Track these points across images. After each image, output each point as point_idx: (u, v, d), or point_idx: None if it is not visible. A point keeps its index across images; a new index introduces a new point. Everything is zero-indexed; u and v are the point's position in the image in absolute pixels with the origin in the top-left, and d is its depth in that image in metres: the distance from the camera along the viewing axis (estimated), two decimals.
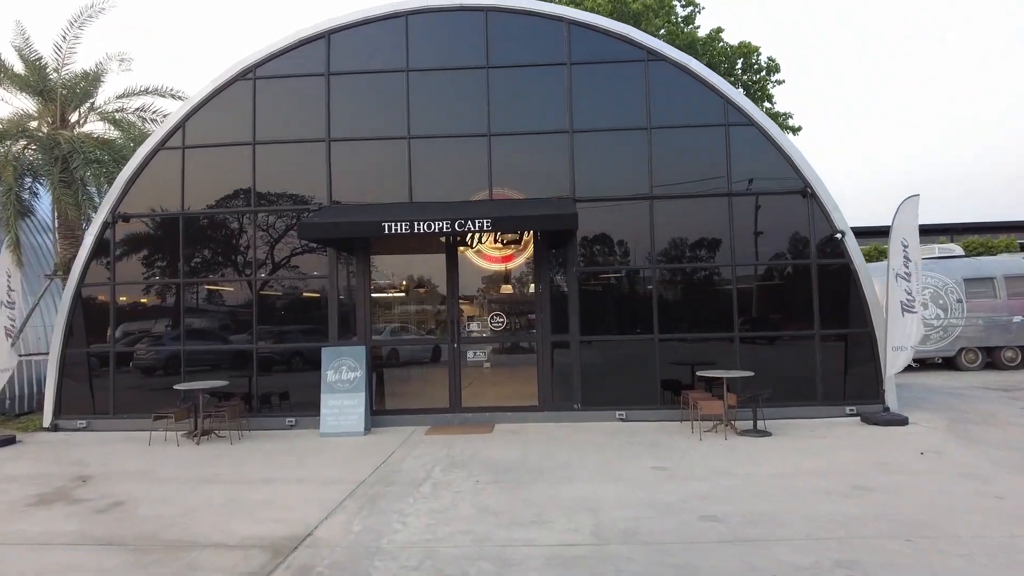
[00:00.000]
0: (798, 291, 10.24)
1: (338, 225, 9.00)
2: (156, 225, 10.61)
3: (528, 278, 10.92)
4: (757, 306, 10.31)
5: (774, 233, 10.26)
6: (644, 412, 9.74)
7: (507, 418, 9.84)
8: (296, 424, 9.96)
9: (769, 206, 10.16)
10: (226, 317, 10.84)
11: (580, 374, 9.88)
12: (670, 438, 8.55)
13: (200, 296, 10.82)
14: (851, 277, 9.91)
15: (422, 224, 8.67)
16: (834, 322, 10.03)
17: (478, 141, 10.19)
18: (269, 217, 10.53)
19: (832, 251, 9.98)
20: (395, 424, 9.84)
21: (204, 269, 10.69)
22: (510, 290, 11.17)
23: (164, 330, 10.71)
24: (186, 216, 10.45)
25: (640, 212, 10.07)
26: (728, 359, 9.90)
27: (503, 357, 10.74)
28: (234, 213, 10.52)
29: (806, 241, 10.04)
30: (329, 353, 9.74)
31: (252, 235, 10.36)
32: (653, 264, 10.02)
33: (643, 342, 10.05)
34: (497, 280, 11.07)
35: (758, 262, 10.28)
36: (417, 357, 11.37)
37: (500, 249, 10.90)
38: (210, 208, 10.54)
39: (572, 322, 9.94)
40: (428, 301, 11.62)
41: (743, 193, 10.07)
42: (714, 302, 10.34)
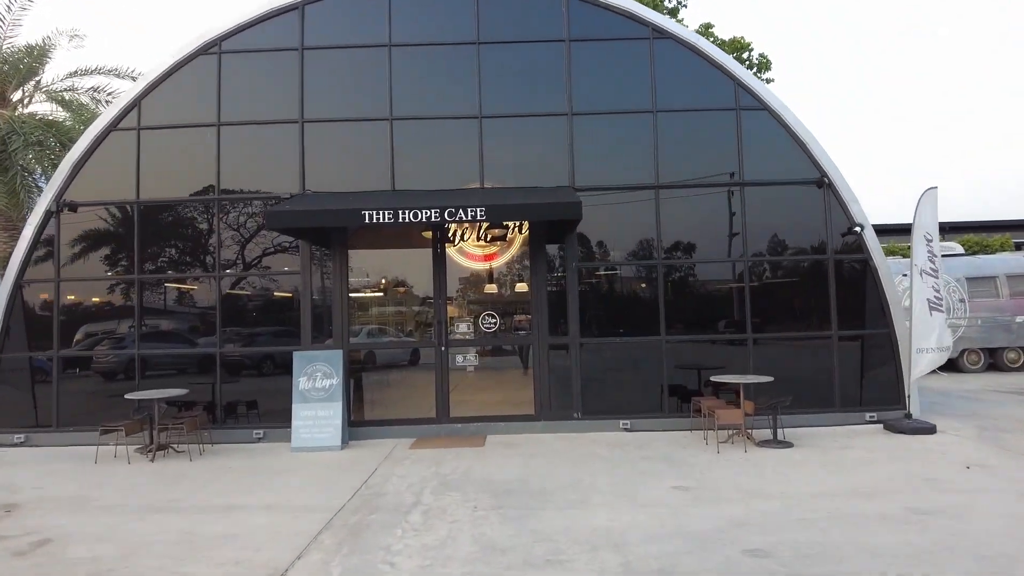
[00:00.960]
0: (814, 289, 9.51)
1: (311, 213, 8.02)
2: (108, 215, 9.50)
3: (513, 277, 10.24)
4: (770, 305, 9.53)
5: (788, 226, 9.51)
6: (650, 421, 8.91)
7: (500, 429, 8.94)
8: (265, 437, 8.94)
9: (783, 197, 9.41)
10: (188, 318, 9.80)
11: (580, 380, 9.01)
12: (684, 451, 7.73)
13: (158, 295, 9.76)
14: (871, 274, 9.20)
15: (407, 213, 7.73)
16: (852, 322, 9.31)
17: (468, 124, 9.28)
18: (235, 207, 9.49)
19: (850, 246, 9.27)
20: (375, 436, 8.87)
21: (163, 265, 9.60)
22: (494, 290, 10.46)
23: (118, 333, 9.59)
24: (142, 205, 9.36)
25: (645, 203, 9.25)
26: (739, 362, 9.13)
27: (494, 360, 9.85)
28: (196, 202, 9.46)
29: (823, 235, 9.30)
30: (301, 358, 8.73)
31: (216, 227, 9.30)
32: (659, 259, 9.19)
33: (648, 344, 9.21)
34: (480, 280, 10.28)
35: (771, 257, 9.52)
36: (398, 361, 10.53)
37: (484, 247, 10.02)
38: (169, 197, 9.45)
39: (571, 323, 9.08)
40: (411, 301, 10.79)
41: (755, 183, 9.29)
42: (724, 300, 9.58)
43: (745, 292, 9.19)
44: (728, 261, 9.42)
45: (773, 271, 9.64)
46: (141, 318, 9.35)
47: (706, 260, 9.50)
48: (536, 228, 9.20)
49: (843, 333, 9.21)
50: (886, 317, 9.14)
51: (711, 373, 8.99)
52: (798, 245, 9.52)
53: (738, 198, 9.27)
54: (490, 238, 10.05)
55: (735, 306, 9.36)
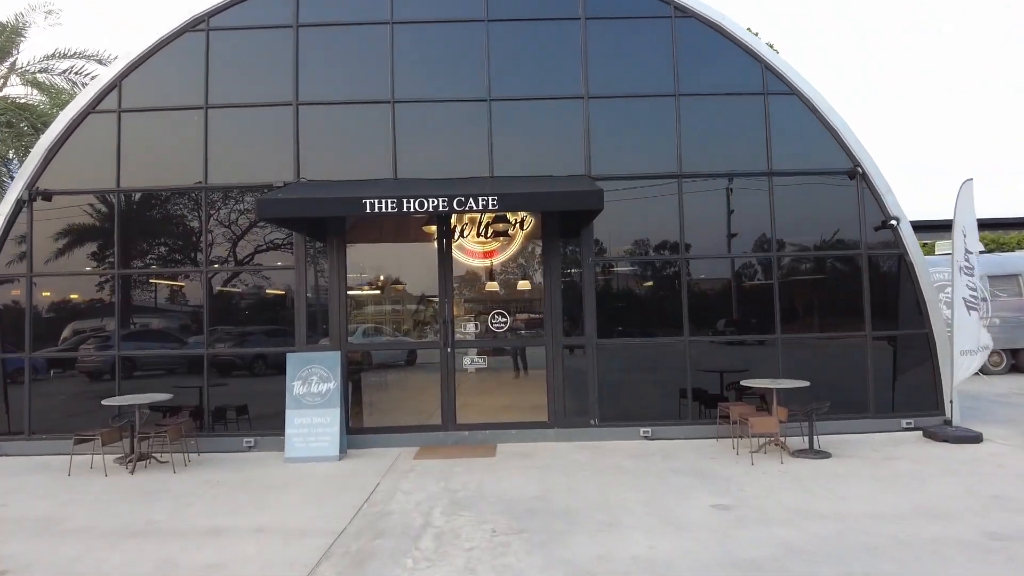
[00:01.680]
0: (845, 286, 8.91)
1: (307, 202, 7.32)
2: (86, 205, 8.76)
3: (515, 276, 9.62)
4: (799, 303, 8.91)
5: (819, 219, 8.89)
6: (672, 428, 8.28)
7: (511, 437, 8.27)
8: (256, 445, 8.25)
9: (814, 188, 8.78)
10: (174, 316, 9.11)
11: (598, 383, 8.35)
12: (714, 462, 7.09)
13: (143, 292, 9.04)
14: (906, 270, 8.60)
15: (413, 202, 7.05)
16: (886, 322, 8.70)
17: (476, 108, 8.60)
18: (224, 196, 8.77)
19: (884, 240, 8.66)
20: (375, 445, 8.20)
21: (146, 259, 8.89)
22: (496, 287, 9.78)
23: (101, 332, 8.88)
24: (123, 194, 8.65)
25: (667, 194, 8.60)
26: (764, 364, 8.51)
27: (498, 361, 9.19)
28: (182, 191, 8.74)
29: (856, 228, 8.68)
30: (296, 360, 8.05)
31: (204, 218, 8.59)
32: (682, 255, 8.55)
33: (671, 345, 8.58)
34: (480, 278, 9.63)
35: (801, 252, 8.90)
36: (395, 361, 9.97)
37: (484, 243, 9.34)
38: (153, 185, 8.73)
39: (587, 322, 8.42)
40: (411, 300, 10.17)
41: (785, 172, 8.66)
42: (751, 298, 8.94)
43: (774, 289, 8.56)
44: (756, 256, 8.80)
45: (803, 267, 9.01)
46: (124, 317, 8.66)
47: (732, 255, 8.85)
48: (549, 221, 8.54)
49: (877, 334, 8.60)
50: (923, 316, 8.54)
51: (735, 377, 8.40)
52: (829, 239, 8.89)
53: (766, 189, 8.63)
54: (492, 233, 9.40)
55: (763, 304, 8.71)
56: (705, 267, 8.88)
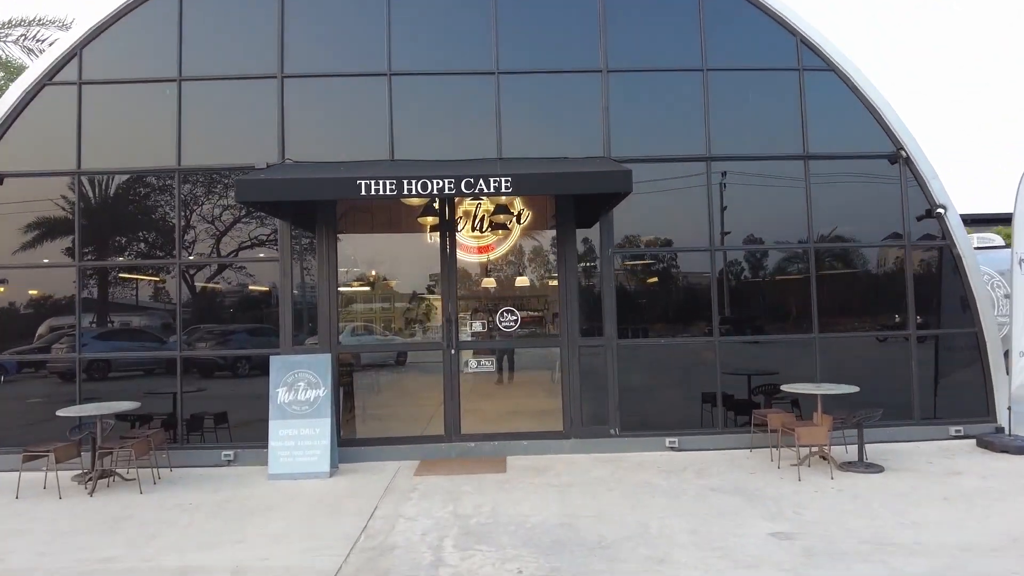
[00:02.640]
0: (887, 280, 8.19)
1: (294, 183, 6.41)
2: (41, 188, 7.77)
3: (513, 272, 8.90)
4: (837, 299, 8.13)
5: (859, 207, 8.12)
6: (701, 438, 7.47)
7: (521, 448, 7.43)
8: (236, 459, 7.35)
9: (853, 172, 8.00)
10: (154, 314, 8.19)
11: (618, 388, 7.52)
12: (756, 478, 6.28)
13: (121, 288, 8.09)
14: (953, 263, 7.85)
15: (415, 184, 6.18)
16: (929, 319, 7.97)
17: (482, 82, 7.74)
18: (200, 180, 7.84)
19: (929, 230, 7.92)
20: (370, 458, 7.33)
21: (110, 249, 7.93)
22: (492, 284, 9.12)
23: (56, 331, 7.93)
24: (85, 176, 7.69)
25: (694, 178, 7.79)
26: (798, 366, 7.74)
27: (517, 361, 8.36)
28: (152, 173, 7.79)
29: (899, 217, 7.92)
30: (280, 364, 7.14)
31: (178, 205, 7.65)
32: (711, 244, 7.73)
33: (698, 346, 7.78)
34: (472, 275, 8.89)
35: (840, 244, 8.12)
36: (384, 361, 9.12)
37: (479, 237, 8.58)
38: (118, 167, 7.77)
39: (606, 321, 7.58)
40: (407, 296, 9.41)
41: (821, 156, 7.87)
42: (786, 293, 8.16)
43: (810, 284, 7.78)
44: (791, 247, 8.01)
45: (840, 260, 8.24)
46: (100, 314, 7.76)
47: (766, 246, 8.06)
48: (564, 209, 7.70)
49: (922, 333, 7.85)
50: (971, 314, 7.80)
51: (765, 380, 7.69)
52: (870, 228, 8.13)
53: (801, 174, 7.84)
54: (487, 227, 8.64)
55: (798, 300, 7.94)
56: (735, 259, 8.06)
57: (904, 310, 7.88)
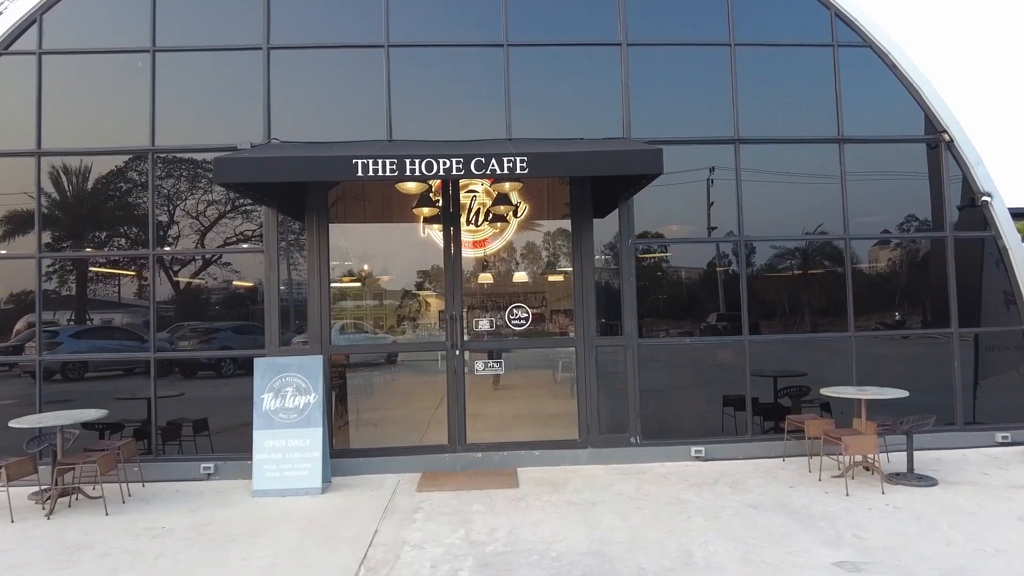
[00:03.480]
0: (925, 273, 7.60)
1: (279, 163, 5.65)
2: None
3: (511, 267, 8.60)
4: (872, 293, 7.53)
5: (897, 194, 7.54)
6: (729, 446, 6.84)
7: (533, 459, 6.74)
8: (217, 472, 6.62)
9: (891, 157, 7.41)
10: (125, 311, 7.50)
11: (639, 392, 6.86)
12: (798, 493, 5.65)
13: (84, 281, 7.32)
14: (997, 256, 7.27)
15: (419, 163, 5.46)
16: (971, 316, 7.38)
17: (489, 55, 7.04)
18: (177, 163, 7.08)
19: (972, 220, 7.33)
20: (366, 470, 6.62)
21: (76, 238, 7.16)
22: (489, 279, 8.88)
23: (49, 326, 7.21)
24: (45, 157, 6.90)
25: (721, 164, 7.14)
26: (831, 367, 7.16)
27: (518, 362, 7.70)
28: (123, 154, 7.02)
29: (940, 205, 7.32)
30: (266, 367, 6.41)
31: (152, 190, 6.89)
32: (740, 235, 7.08)
33: (725, 346, 7.14)
34: (468, 271, 8.46)
35: (877, 235, 7.52)
36: (374, 360, 8.62)
37: (475, 231, 8.17)
38: (84, 147, 6.98)
39: (626, 319, 6.91)
40: (404, 293, 8.88)
41: (857, 139, 7.25)
42: (819, 288, 7.55)
43: (846, 278, 7.15)
44: (826, 239, 7.38)
45: (877, 252, 7.63)
46: (45, 311, 6.93)
47: (798, 237, 7.42)
48: (580, 196, 7.01)
49: (965, 331, 7.26)
50: (1017, 310, 7.21)
51: (794, 382, 7.13)
52: (909, 218, 7.53)
53: (836, 158, 7.21)
54: (487, 218, 8.27)
55: (833, 295, 7.33)
56: (765, 251, 7.42)
57: (943, 306, 7.28)
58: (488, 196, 8.23)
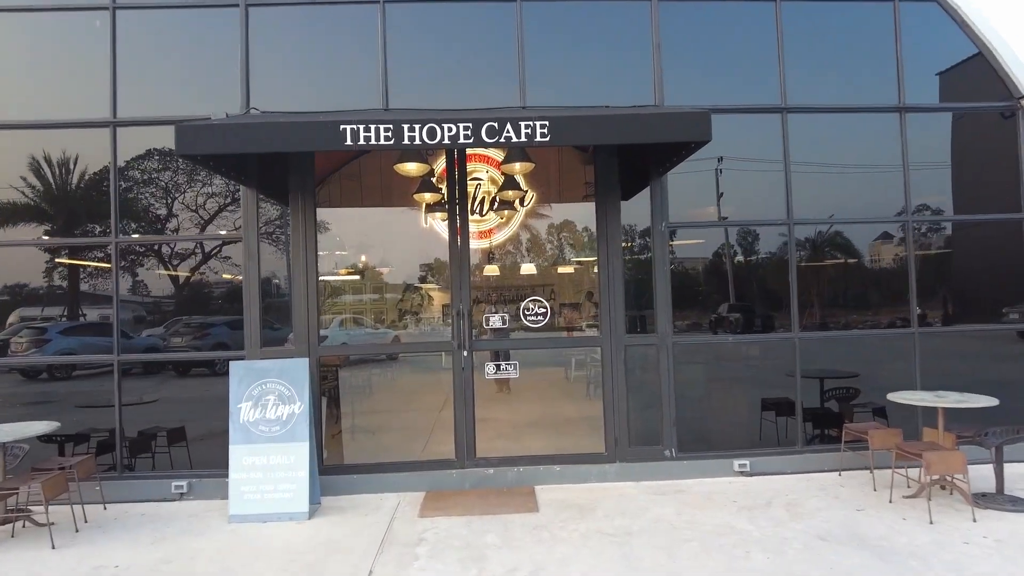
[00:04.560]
0: (998, 261, 6.67)
1: (252, 130, 4.74)
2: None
3: (515, 259, 8.14)
4: (936, 284, 6.64)
5: (966, 170, 6.61)
6: (777, 459, 5.96)
7: (553, 475, 5.86)
8: (190, 491, 5.77)
9: (960, 129, 6.50)
10: (126, 307, 6.73)
11: (675, 398, 5.97)
12: (867, 517, 4.77)
13: (77, 275, 6.49)
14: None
15: (419, 130, 4.57)
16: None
17: (499, 10, 6.13)
18: (141, 137, 6.19)
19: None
20: (360, 489, 5.76)
21: (21, 220, 6.29)
22: (496, 271, 8.39)
23: (26, 321, 6.50)
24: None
25: (766, 137, 6.23)
26: (886, 366, 6.30)
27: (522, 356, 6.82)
28: (79, 127, 6.11)
29: (1016, 184, 6.41)
30: (244, 372, 5.52)
31: (113, 167, 5.99)
32: (789, 217, 6.17)
33: (772, 344, 6.25)
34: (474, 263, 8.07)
35: (943, 217, 6.61)
36: (379, 356, 7.90)
37: (479, 221, 7.68)
38: (34, 119, 6.09)
39: (660, 313, 6.01)
40: (404, 286, 8.31)
41: (920, 108, 6.33)
42: (877, 278, 6.67)
43: (909, 266, 6.24)
44: (885, 222, 6.49)
45: (943, 236, 6.73)
46: (73, 306, 6.13)
47: (854, 220, 6.51)
48: (606, 174, 6.08)
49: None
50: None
51: (842, 384, 6.25)
52: (978, 198, 6.62)
53: (897, 129, 6.30)
54: (492, 206, 7.76)
55: (892, 286, 6.45)
56: (817, 237, 6.52)
57: (1018, 296, 6.40)
58: (494, 184, 7.61)
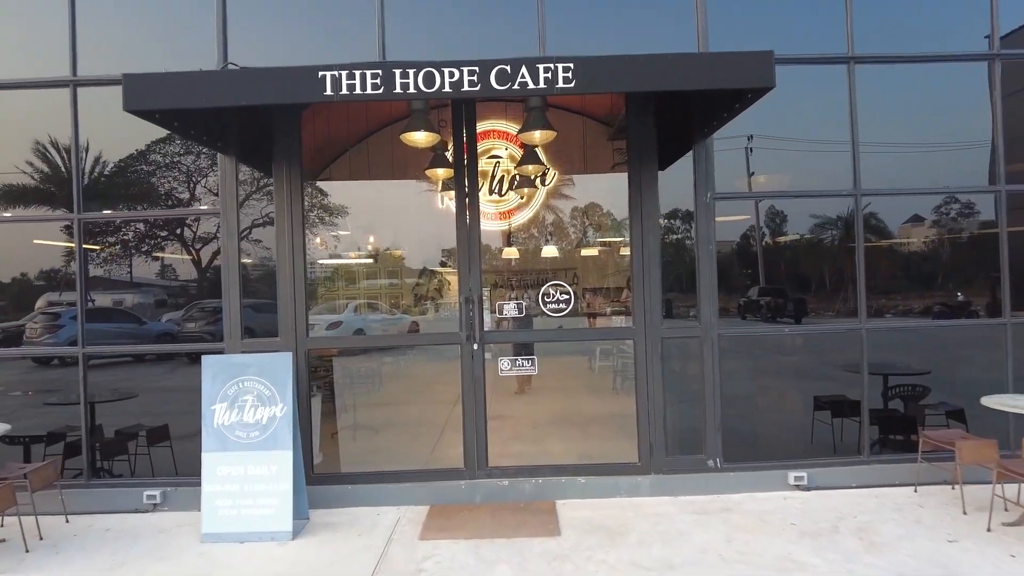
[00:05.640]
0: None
1: (210, 80, 3.92)
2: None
3: (538, 242, 7.96)
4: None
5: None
6: (839, 471, 5.09)
7: (578, 489, 5.05)
8: (165, 501, 5.08)
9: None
10: (137, 291, 6.49)
11: (720, 399, 5.11)
12: (963, 551, 3.89)
13: (47, 254, 5.82)
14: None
15: (413, 76, 3.74)
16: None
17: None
18: (106, 100, 5.43)
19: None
20: (356, 500, 5.02)
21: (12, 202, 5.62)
22: (515, 254, 8.23)
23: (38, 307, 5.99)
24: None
25: (829, 90, 5.28)
26: (964, 363, 5.35)
27: (547, 347, 6.03)
28: (36, 86, 5.37)
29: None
30: (218, 368, 4.77)
31: (74, 132, 5.25)
32: (856, 186, 5.22)
33: (833, 336, 5.35)
34: (495, 246, 8.14)
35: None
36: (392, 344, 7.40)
37: (498, 201, 7.52)
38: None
39: (704, 300, 5.12)
40: (418, 271, 8.04)
41: (1016, 55, 5.32)
42: (960, 258, 5.71)
43: (1000, 244, 5.27)
44: (970, 192, 5.52)
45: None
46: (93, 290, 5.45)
47: (932, 191, 5.54)
48: (640, 136, 5.17)
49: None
50: None
51: (909, 381, 5.35)
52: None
53: (985, 81, 5.31)
54: (508, 188, 7.49)
55: (975, 268, 5.50)
56: (886, 209, 5.58)
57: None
58: (513, 161, 7.24)
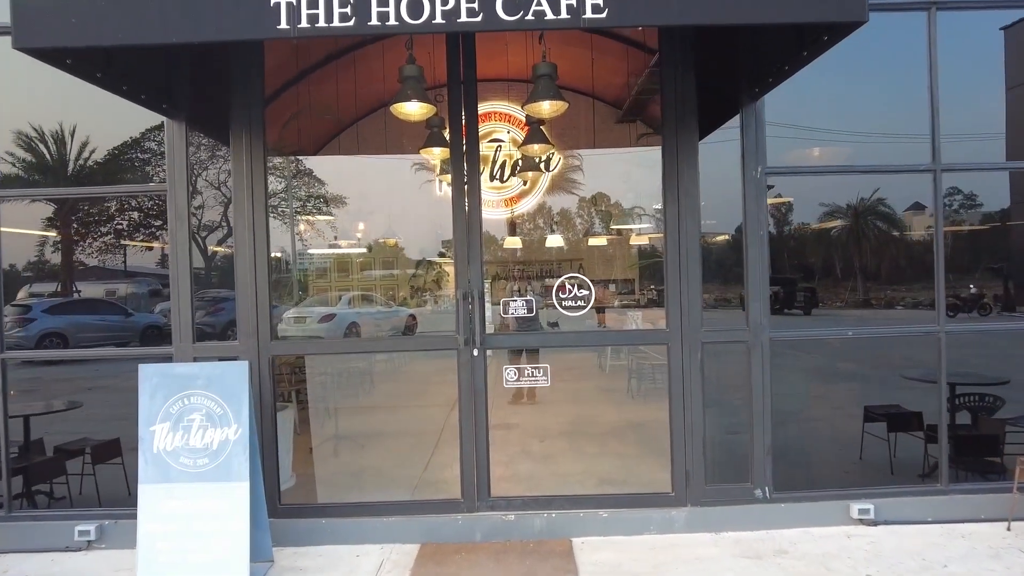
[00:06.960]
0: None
1: (126, 9, 2.99)
2: None
3: (538, 231, 8.00)
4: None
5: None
6: (912, 502, 4.22)
7: (599, 524, 4.17)
8: (102, 537, 4.22)
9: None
10: (131, 281, 6.85)
11: (770, 418, 4.23)
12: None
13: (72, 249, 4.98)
14: None
15: (396, 4, 2.83)
16: None
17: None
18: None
19: None
20: (333, 538, 4.15)
21: None
22: (518, 244, 8.03)
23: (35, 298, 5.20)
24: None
25: (900, 47, 4.39)
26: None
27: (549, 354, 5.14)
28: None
29: None
30: (158, 380, 3.86)
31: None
32: (934, 161, 4.33)
33: (906, 340, 4.48)
34: (500, 236, 8.00)
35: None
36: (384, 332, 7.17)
37: (501, 188, 7.22)
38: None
39: (753, 296, 4.22)
40: (400, 262, 7.62)
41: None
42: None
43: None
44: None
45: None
46: (67, 282, 4.60)
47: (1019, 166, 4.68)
48: (677, 95, 4.25)
49: None
50: None
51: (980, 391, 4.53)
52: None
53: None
54: (511, 174, 7.16)
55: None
56: (965, 186, 4.70)
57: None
58: (515, 144, 6.97)
